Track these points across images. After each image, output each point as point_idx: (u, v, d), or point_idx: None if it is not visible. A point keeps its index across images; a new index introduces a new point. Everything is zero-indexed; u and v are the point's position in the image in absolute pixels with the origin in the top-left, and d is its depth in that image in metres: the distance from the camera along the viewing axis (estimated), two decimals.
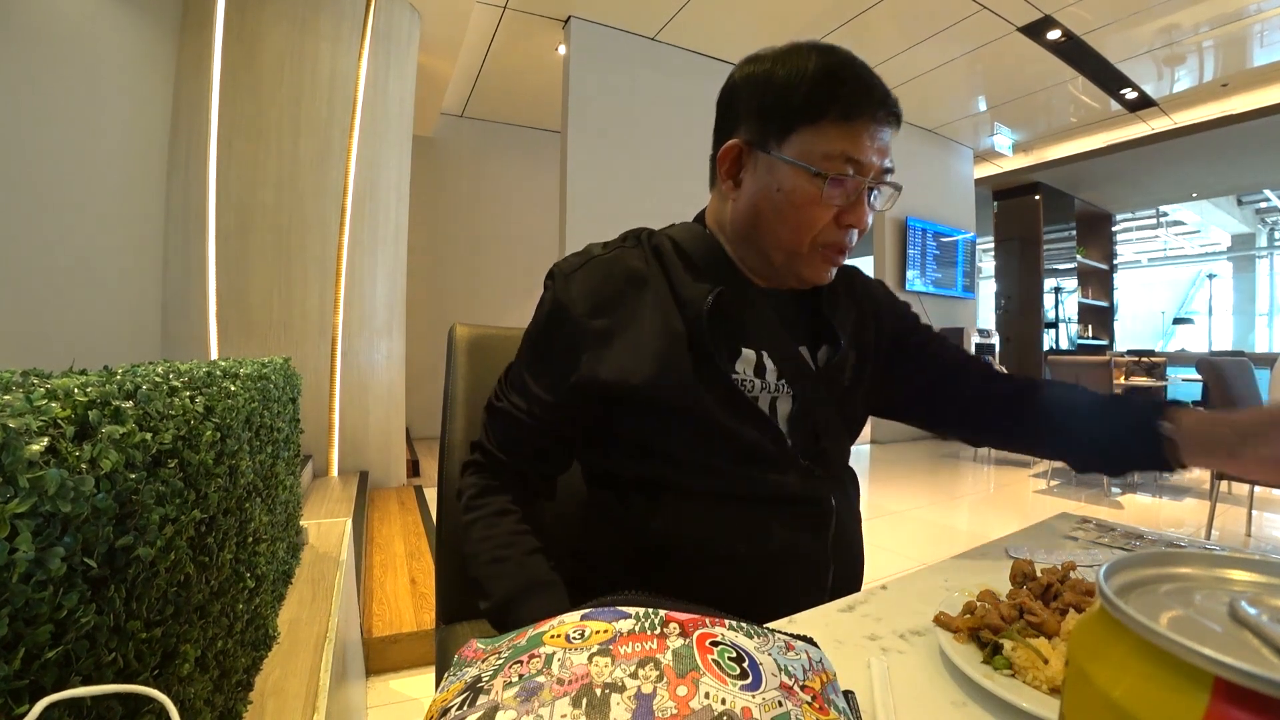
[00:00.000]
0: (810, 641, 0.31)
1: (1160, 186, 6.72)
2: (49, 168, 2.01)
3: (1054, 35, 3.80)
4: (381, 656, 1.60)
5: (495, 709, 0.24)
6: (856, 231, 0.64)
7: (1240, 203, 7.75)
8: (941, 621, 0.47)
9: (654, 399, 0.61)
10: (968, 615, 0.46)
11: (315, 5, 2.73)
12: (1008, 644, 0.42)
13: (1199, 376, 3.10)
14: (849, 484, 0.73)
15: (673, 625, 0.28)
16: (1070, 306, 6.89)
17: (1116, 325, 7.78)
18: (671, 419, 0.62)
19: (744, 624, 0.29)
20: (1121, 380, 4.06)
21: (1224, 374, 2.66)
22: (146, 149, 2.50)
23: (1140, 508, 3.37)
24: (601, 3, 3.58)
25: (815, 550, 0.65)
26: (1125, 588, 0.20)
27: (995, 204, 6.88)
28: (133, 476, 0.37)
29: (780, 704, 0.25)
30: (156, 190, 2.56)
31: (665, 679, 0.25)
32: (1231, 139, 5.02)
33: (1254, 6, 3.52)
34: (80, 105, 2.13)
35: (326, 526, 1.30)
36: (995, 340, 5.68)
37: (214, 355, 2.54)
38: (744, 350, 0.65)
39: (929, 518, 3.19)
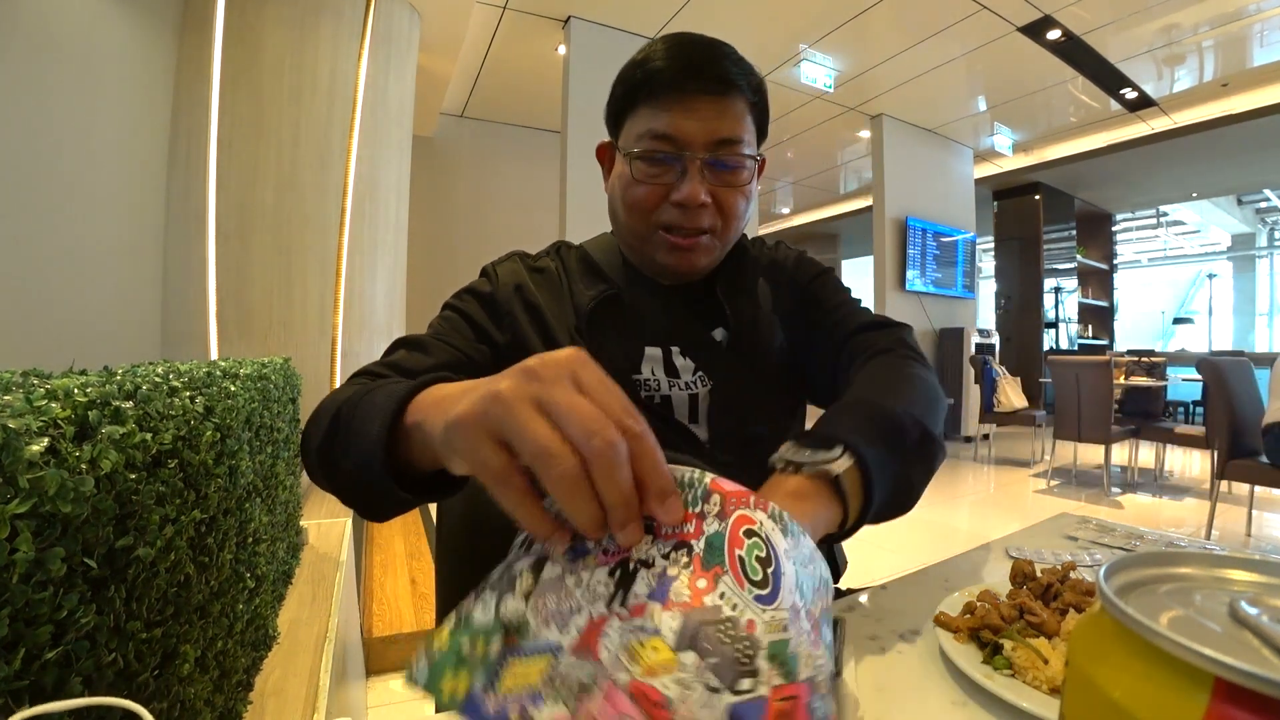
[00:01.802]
0: (821, 556, 0.30)
1: (1160, 186, 6.72)
2: (49, 168, 2.01)
3: (1054, 35, 3.79)
4: (381, 656, 1.60)
5: (544, 559, 0.27)
6: (709, 212, 0.60)
7: (1240, 202, 7.75)
8: (941, 621, 0.47)
9: None
10: (968, 615, 0.46)
11: (315, 6, 2.73)
12: (1008, 644, 0.42)
13: (1199, 376, 3.10)
14: None
15: (714, 499, 0.28)
16: (1070, 306, 6.89)
17: (1116, 325, 7.78)
18: None
19: (785, 515, 0.28)
20: (1121, 380, 4.06)
21: (1224, 374, 2.66)
22: (146, 149, 2.50)
23: (1140, 508, 3.37)
24: (601, 3, 3.58)
25: None
26: (1125, 588, 0.20)
27: (995, 204, 6.88)
28: (133, 477, 0.37)
29: (785, 628, 0.25)
30: (156, 190, 2.56)
31: (692, 568, 0.26)
32: (1231, 139, 5.01)
33: (1254, 6, 3.52)
34: (80, 105, 2.13)
35: (326, 526, 1.30)
36: (995, 340, 5.67)
37: (214, 355, 2.54)
38: (647, 349, 0.65)
39: (929, 518, 3.19)
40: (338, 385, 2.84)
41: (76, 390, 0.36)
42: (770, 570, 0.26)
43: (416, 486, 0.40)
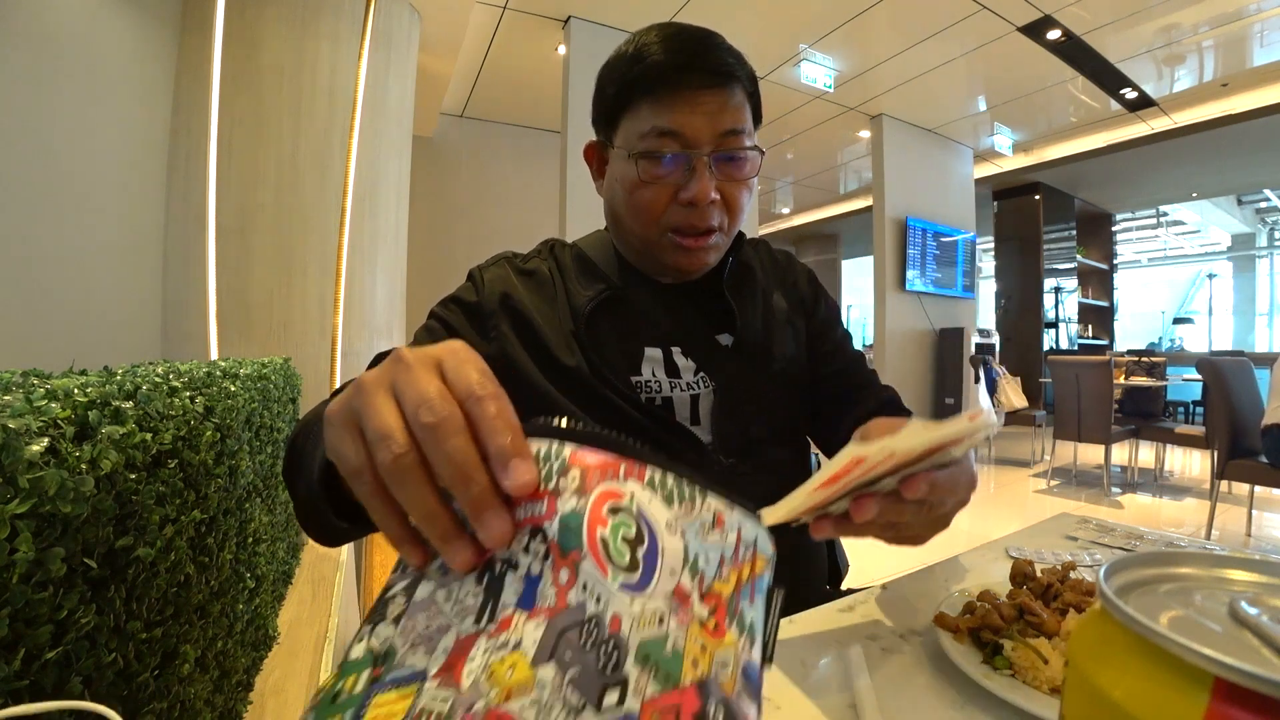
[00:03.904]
0: (753, 510, 0.25)
1: (1160, 186, 6.71)
2: (49, 168, 2.01)
3: (1054, 35, 3.80)
4: None
5: (421, 577, 0.24)
6: (718, 209, 0.59)
7: (1240, 202, 7.75)
8: (941, 621, 0.47)
9: (555, 404, 0.60)
10: (968, 615, 0.46)
11: (315, 6, 2.73)
12: (1008, 644, 0.42)
13: (1199, 376, 3.10)
14: (797, 480, 0.68)
15: (574, 474, 0.23)
16: (1070, 306, 6.89)
17: (1116, 325, 7.78)
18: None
19: (675, 474, 0.24)
20: (1121, 380, 4.06)
21: (1224, 374, 2.66)
22: (146, 149, 2.50)
23: (1140, 508, 3.37)
24: (601, 3, 3.58)
25: None
26: (1125, 588, 0.20)
27: (995, 204, 6.88)
28: (133, 477, 0.37)
29: (660, 620, 0.21)
30: (156, 190, 2.56)
31: (551, 558, 0.22)
32: (1231, 139, 5.01)
33: (1254, 6, 3.52)
34: (80, 105, 2.13)
35: None
36: (995, 340, 5.67)
37: (214, 355, 2.54)
38: (647, 350, 0.64)
39: None
40: (338, 385, 2.84)
41: (76, 390, 0.36)
42: (642, 550, 0.22)
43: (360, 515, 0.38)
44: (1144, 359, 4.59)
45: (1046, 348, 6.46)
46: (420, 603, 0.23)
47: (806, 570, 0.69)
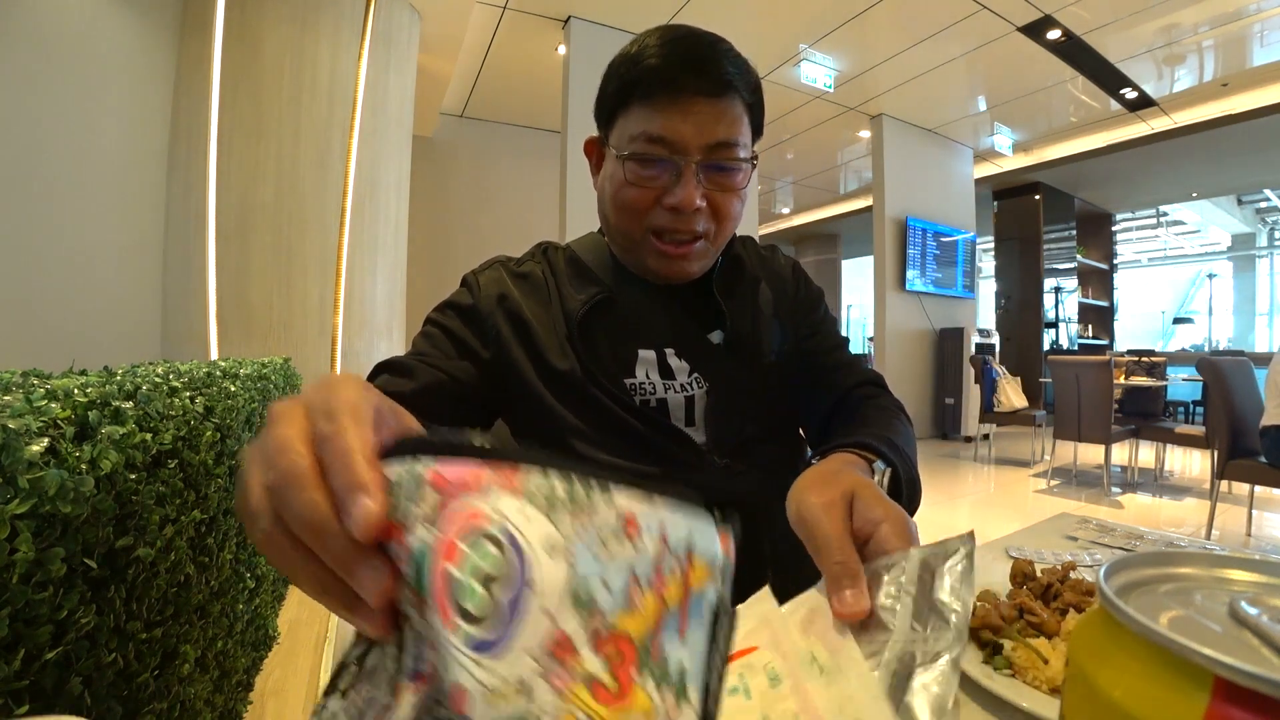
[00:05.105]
0: (697, 497, 0.19)
1: (1160, 186, 6.72)
2: (50, 168, 2.01)
3: (1054, 35, 3.80)
4: None
5: (373, 645, 0.20)
6: (704, 216, 0.59)
7: (1240, 202, 7.75)
8: None
9: (550, 408, 0.60)
10: None
11: (315, 6, 2.73)
12: (1008, 644, 0.42)
13: (1199, 376, 3.10)
14: (791, 476, 0.68)
15: (429, 497, 0.17)
16: (1070, 306, 6.89)
17: (1116, 325, 7.78)
18: (564, 426, 0.61)
19: (565, 471, 0.18)
20: (1121, 380, 4.06)
21: (1224, 374, 2.66)
22: (147, 149, 2.50)
23: (1140, 508, 3.37)
24: (601, 3, 3.58)
25: (748, 553, 0.62)
26: (1125, 588, 0.20)
27: (995, 204, 6.88)
28: (133, 477, 0.37)
29: (520, 686, 0.15)
30: (156, 190, 2.56)
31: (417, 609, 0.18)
32: (1231, 139, 5.02)
33: (1254, 6, 3.52)
34: (80, 106, 2.13)
35: None
36: (995, 340, 5.68)
37: (214, 355, 2.54)
38: (640, 352, 0.64)
39: (929, 518, 3.19)
40: None
41: (76, 390, 0.36)
42: (502, 590, 0.16)
43: None
44: (1144, 359, 4.59)
45: (1046, 348, 6.46)
46: (368, 672, 0.20)
47: (805, 570, 0.69)
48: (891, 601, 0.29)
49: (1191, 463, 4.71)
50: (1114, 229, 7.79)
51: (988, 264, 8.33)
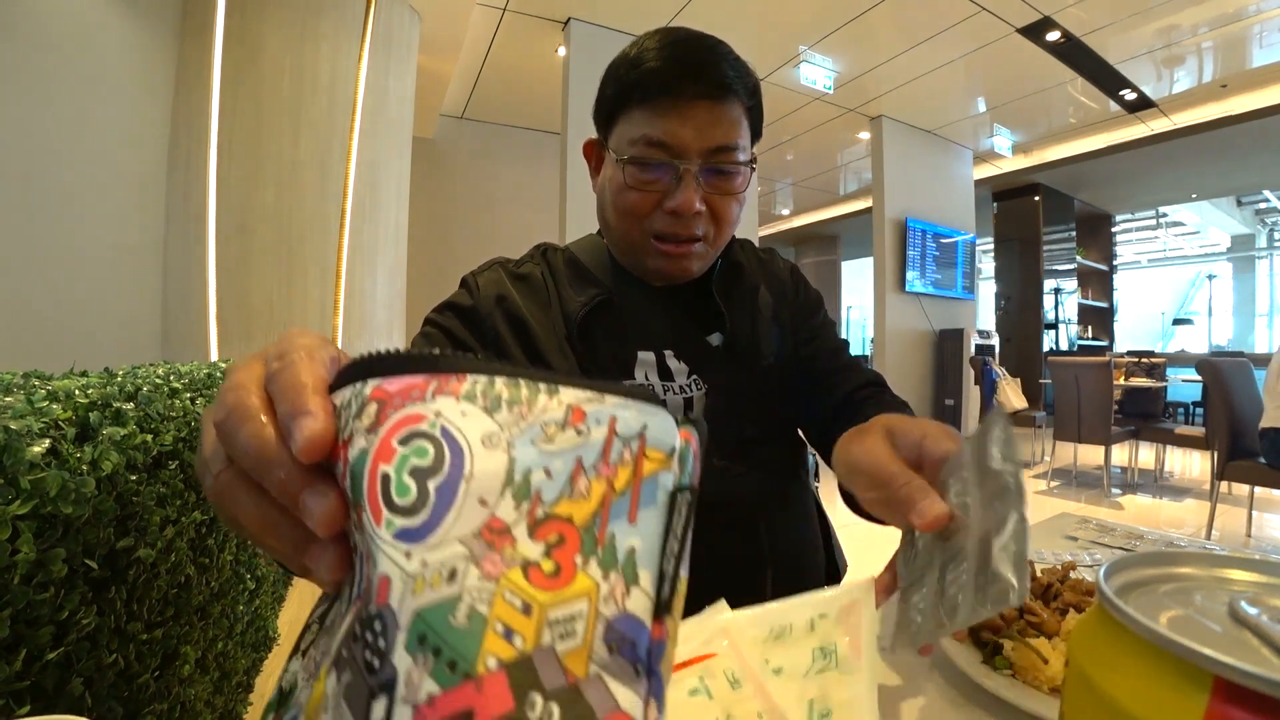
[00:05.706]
0: (648, 398, 0.17)
1: (1160, 187, 6.72)
2: (50, 169, 2.01)
3: (1053, 36, 3.80)
4: None
5: (335, 600, 0.20)
6: (703, 219, 0.59)
7: (1240, 203, 7.76)
8: None
9: None
10: None
11: (315, 7, 2.73)
12: (1008, 644, 0.42)
13: (1199, 377, 3.10)
14: (790, 478, 0.69)
15: (369, 409, 0.17)
16: (1070, 307, 6.89)
17: (1116, 326, 7.78)
18: None
19: (510, 375, 0.17)
20: (1121, 381, 4.06)
21: (1223, 375, 2.66)
22: (147, 151, 2.50)
23: (1140, 508, 3.37)
24: (601, 4, 3.59)
25: (748, 553, 0.62)
26: (1125, 588, 0.20)
27: (995, 205, 6.88)
28: (133, 478, 0.37)
29: (451, 576, 0.14)
30: (157, 191, 2.56)
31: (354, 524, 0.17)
32: (1231, 139, 5.02)
33: (1253, 7, 3.52)
34: (81, 107, 2.13)
35: None
36: (995, 341, 5.67)
37: (214, 356, 2.54)
38: (639, 353, 0.63)
39: None
40: None
41: (77, 391, 0.36)
42: (434, 481, 0.15)
43: None
44: (1144, 359, 4.59)
45: (1046, 349, 6.46)
46: (327, 628, 0.19)
47: (805, 570, 0.69)
48: (960, 499, 0.33)
49: (1191, 464, 4.71)
50: (1113, 230, 7.79)
51: (987, 265, 8.34)
